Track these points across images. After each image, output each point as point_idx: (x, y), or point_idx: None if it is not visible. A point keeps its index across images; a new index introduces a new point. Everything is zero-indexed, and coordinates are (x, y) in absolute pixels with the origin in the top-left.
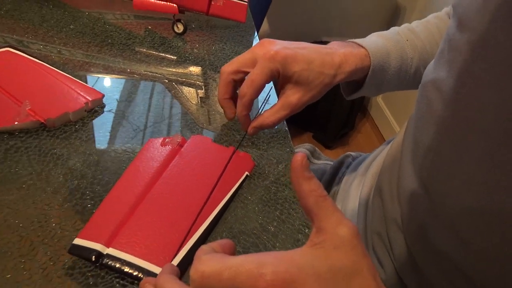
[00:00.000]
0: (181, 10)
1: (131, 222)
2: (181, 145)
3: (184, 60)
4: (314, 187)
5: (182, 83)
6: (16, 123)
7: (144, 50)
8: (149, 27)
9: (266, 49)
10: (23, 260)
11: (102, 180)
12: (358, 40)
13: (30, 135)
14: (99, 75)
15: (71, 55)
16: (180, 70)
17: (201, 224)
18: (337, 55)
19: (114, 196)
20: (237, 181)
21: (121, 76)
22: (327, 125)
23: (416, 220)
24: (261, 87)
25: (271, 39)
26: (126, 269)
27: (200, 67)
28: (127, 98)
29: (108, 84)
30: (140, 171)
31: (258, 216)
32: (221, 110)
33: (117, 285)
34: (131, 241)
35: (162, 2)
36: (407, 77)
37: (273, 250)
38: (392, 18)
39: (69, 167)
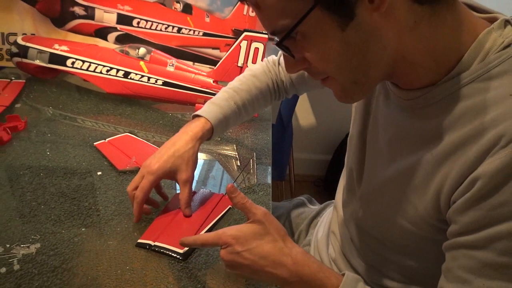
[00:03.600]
0: None
1: (165, 230)
2: (193, 194)
3: (229, 141)
4: (239, 199)
5: (226, 156)
6: (128, 167)
7: None
8: None
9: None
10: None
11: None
12: (198, 112)
13: (134, 174)
14: None
15: (160, 139)
16: (226, 147)
17: (202, 230)
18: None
19: (157, 220)
20: (223, 211)
21: None
22: None
23: (350, 212)
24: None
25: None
26: (163, 251)
27: (234, 145)
28: None
29: None
30: (169, 209)
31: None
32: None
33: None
34: (166, 238)
35: None
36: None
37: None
38: None
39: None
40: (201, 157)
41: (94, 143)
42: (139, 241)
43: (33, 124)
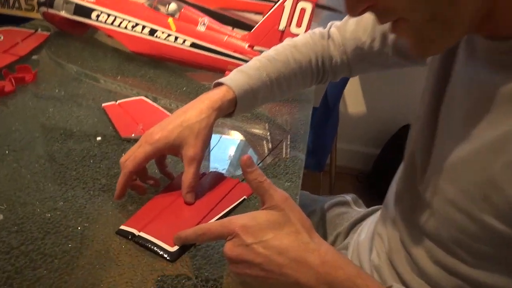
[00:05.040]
0: None
1: (158, 219)
2: (201, 176)
3: (260, 118)
4: (255, 176)
5: (255, 136)
6: (133, 135)
7: None
8: None
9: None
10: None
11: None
12: (221, 79)
13: None
14: None
15: (176, 107)
16: (256, 126)
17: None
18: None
19: (151, 203)
20: (236, 201)
21: None
22: None
23: (405, 207)
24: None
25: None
26: (148, 245)
27: (266, 124)
28: None
29: None
30: (170, 190)
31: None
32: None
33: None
34: (155, 229)
35: None
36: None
37: None
38: None
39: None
40: (225, 133)
41: (103, 105)
42: (122, 227)
43: (44, 78)
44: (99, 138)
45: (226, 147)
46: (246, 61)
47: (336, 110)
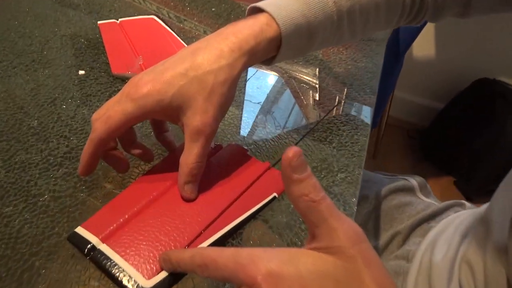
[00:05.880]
0: None
1: (134, 224)
2: (214, 152)
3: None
4: (305, 191)
5: (300, 83)
6: (129, 72)
7: None
8: None
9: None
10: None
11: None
12: (261, 4)
13: None
14: None
15: (205, 34)
16: (303, 70)
17: (201, 243)
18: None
19: (129, 193)
20: (258, 203)
21: None
22: (474, 174)
23: None
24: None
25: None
26: (110, 270)
27: (316, 69)
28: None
29: None
30: (165, 170)
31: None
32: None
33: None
34: (126, 243)
35: None
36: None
37: None
38: None
39: None
40: (252, 72)
41: (99, 22)
42: (78, 230)
43: None
44: (82, 72)
45: (262, 86)
46: None
47: (403, 56)
